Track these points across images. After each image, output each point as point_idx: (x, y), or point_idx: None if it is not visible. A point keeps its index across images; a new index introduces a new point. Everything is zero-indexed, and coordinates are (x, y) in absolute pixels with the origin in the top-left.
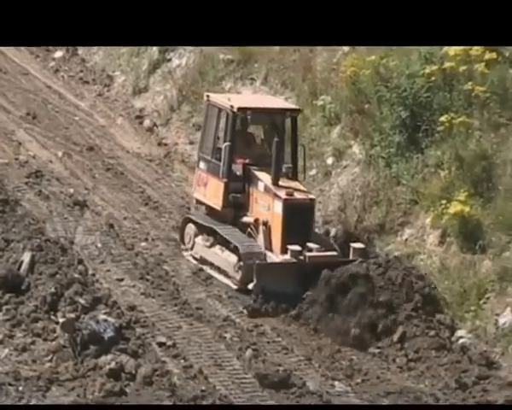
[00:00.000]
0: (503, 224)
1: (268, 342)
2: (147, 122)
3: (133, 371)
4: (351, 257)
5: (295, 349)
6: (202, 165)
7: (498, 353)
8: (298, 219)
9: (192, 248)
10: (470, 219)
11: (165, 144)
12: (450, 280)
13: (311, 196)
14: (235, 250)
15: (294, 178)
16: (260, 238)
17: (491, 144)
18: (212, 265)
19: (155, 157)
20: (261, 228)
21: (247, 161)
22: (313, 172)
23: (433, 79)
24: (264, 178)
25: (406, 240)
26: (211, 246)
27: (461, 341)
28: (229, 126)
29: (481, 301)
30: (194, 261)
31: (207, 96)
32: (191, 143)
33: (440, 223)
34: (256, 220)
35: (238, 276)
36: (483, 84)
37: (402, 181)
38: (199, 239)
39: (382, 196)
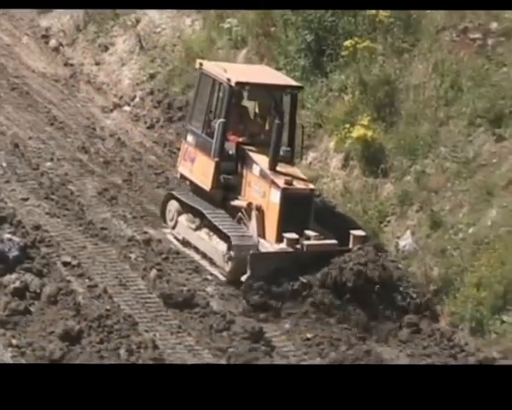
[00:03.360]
0: (405, 148)
1: (172, 263)
2: (52, 42)
3: (38, 290)
4: (351, 245)
5: (200, 270)
6: (190, 138)
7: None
8: (296, 210)
9: (174, 228)
10: (373, 144)
11: (71, 65)
12: (353, 203)
13: (311, 186)
14: (224, 237)
15: (291, 162)
16: (253, 224)
17: (394, 69)
18: (196, 250)
19: (61, 77)
20: (254, 213)
21: (240, 139)
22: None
23: None
24: (260, 161)
25: (310, 163)
26: (196, 229)
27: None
28: (224, 101)
29: (382, 225)
30: (176, 242)
31: (200, 63)
32: (97, 63)
33: (343, 147)
34: (249, 205)
35: (228, 267)
36: None
37: (306, 105)
38: (182, 219)
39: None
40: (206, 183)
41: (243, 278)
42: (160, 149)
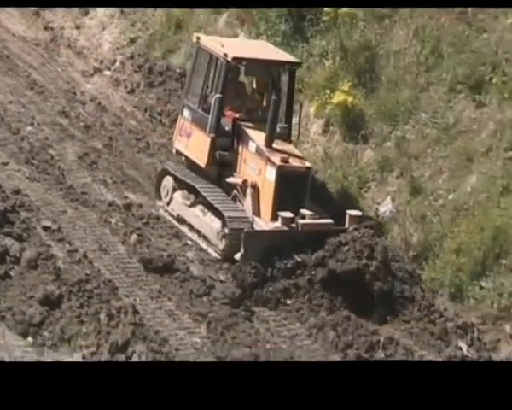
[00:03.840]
0: (385, 114)
1: (153, 228)
2: None
3: (18, 255)
4: (346, 225)
5: (180, 235)
6: (187, 113)
7: None
8: (291, 188)
9: (169, 204)
10: (353, 109)
11: (52, 29)
12: (333, 169)
13: (308, 164)
14: (219, 215)
15: (288, 139)
16: (248, 202)
17: (374, 35)
18: (191, 227)
19: (41, 41)
20: (249, 191)
21: (237, 115)
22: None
23: None
24: (257, 138)
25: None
26: (191, 206)
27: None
28: (221, 77)
29: (362, 190)
30: (170, 218)
31: (197, 37)
32: (77, 27)
33: (324, 112)
34: (244, 182)
35: (221, 245)
36: None
37: None
38: (177, 195)
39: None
40: (201, 159)
41: (237, 256)
42: (140, 113)
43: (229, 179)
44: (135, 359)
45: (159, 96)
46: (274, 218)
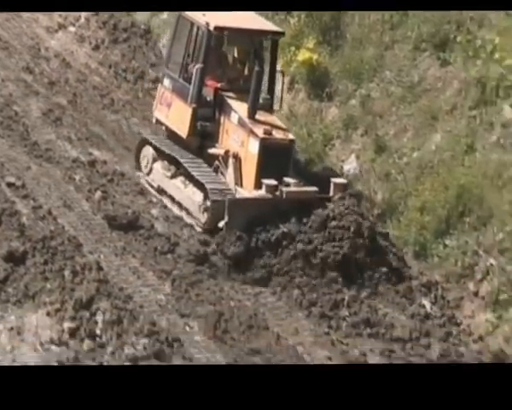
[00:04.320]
0: (350, 72)
1: (117, 185)
2: None
3: None
4: (331, 193)
5: (145, 192)
6: (167, 83)
7: None
8: (274, 160)
9: (149, 174)
10: (318, 67)
11: None
12: (298, 126)
13: (291, 137)
14: (200, 187)
15: (271, 110)
16: (230, 173)
17: None
18: (172, 199)
19: None
20: (231, 162)
21: (218, 85)
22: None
23: None
24: (239, 109)
25: None
26: (172, 177)
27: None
28: (202, 46)
29: (327, 148)
30: (151, 189)
31: None
32: None
33: (289, 70)
34: (226, 153)
35: (203, 218)
36: None
37: None
38: (158, 166)
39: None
40: (182, 130)
41: (221, 224)
42: (104, 70)
43: (211, 150)
44: (99, 316)
45: (123, 53)
46: (257, 188)
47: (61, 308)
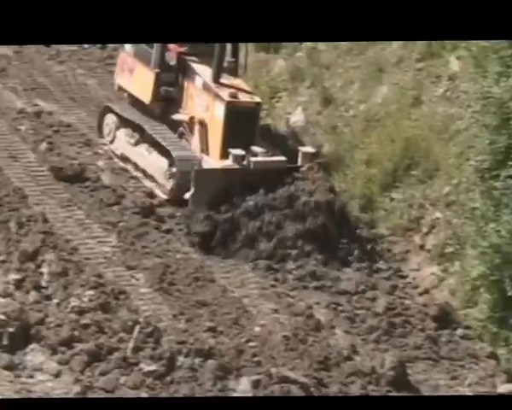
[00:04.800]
0: None
1: (63, 136)
2: None
3: None
4: (299, 162)
5: (91, 143)
6: (128, 47)
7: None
8: (241, 124)
9: (112, 143)
10: None
11: None
12: (244, 78)
13: (257, 99)
14: (165, 153)
15: (236, 73)
16: (195, 139)
17: None
18: (136, 166)
19: None
20: (197, 128)
21: (181, 49)
22: None
23: None
24: (203, 72)
25: None
26: (136, 144)
27: None
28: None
29: (274, 100)
30: (114, 156)
31: None
32: None
33: None
34: (191, 119)
35: (169, 185)
36: None
37: None
38: (121, 133)
39: None
40: (145, 95)
41: (187, 196)
42: None
43: (175, 116)
44: (45, 268)
45: None
46: (223, 156)
47: (7, 260)
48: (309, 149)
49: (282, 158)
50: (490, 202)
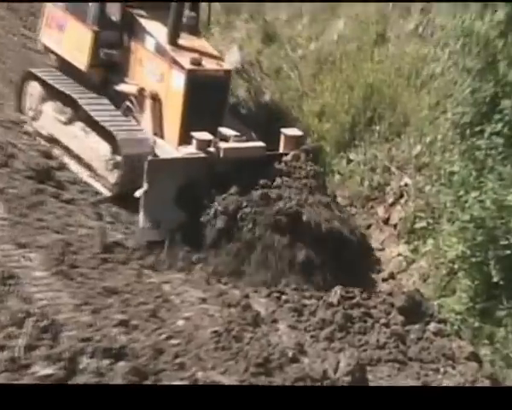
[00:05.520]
0: None
1: None
2: None
3: None
4: (281, 149)
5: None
6: None
7: None
8: (206, 98)
9: (36, 120)
10: None
11: None
12: None
13: (227, 67)
14: (107, 135)
15: (197, 31)
16: (146, 118)
17: None
18: (67, 150)
19: None
20: (148, 103)
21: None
22: None
23: None
24: (156, 31)
25: None
26: (68, 122)
27: None
28: None
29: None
30: (38, 137)
31: None
32: None
33: None
34: (140, 91)
35: (113, 177)
36: None
37: None
38: (48, 108)
39: None
40: (80, 59)
41: (138, 194)
42: None
43: (120, 87)
44: None
45: None
46: (184, 140)
47: None
48: (293, 131)
49: (260, 144)
50: (471, 166)
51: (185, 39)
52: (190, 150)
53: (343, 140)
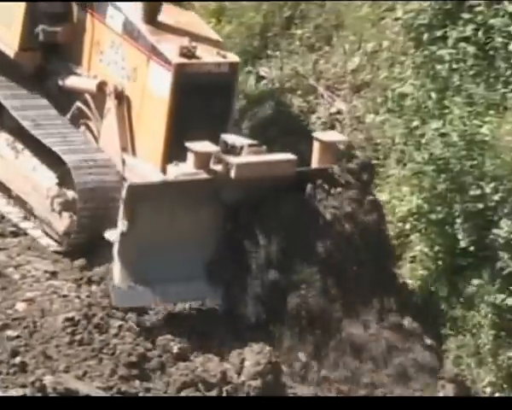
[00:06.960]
0: None
1: None
2: None
3: None
4: (314, 163)
5: None
6: None
7: None
8: (203, 105)
9: None
10: None
11: None
12: None
13: (233, 59)
14: (50, 158)
15: (183, 5)
16: (109, 127)
17: None
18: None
19: None
20: (112, 104)
21: None
22: None
23: None
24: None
25: None
26: None
27: None
28: None
29: None
30: None
31: None
32: None
33: None
34: (100, 86)
35: (61, 222)
36: None
37: None
38: None
39: None
40: (8, 40)
41: (111, 236)
42: None
43: (67, 81)
44: None
45: None
46: (171, 157)
47: None
48: (336, 136)
49: (290, 156)
50: (431, 85)
51: (168, 13)
52: (185, 170)
53: (251, 49)
